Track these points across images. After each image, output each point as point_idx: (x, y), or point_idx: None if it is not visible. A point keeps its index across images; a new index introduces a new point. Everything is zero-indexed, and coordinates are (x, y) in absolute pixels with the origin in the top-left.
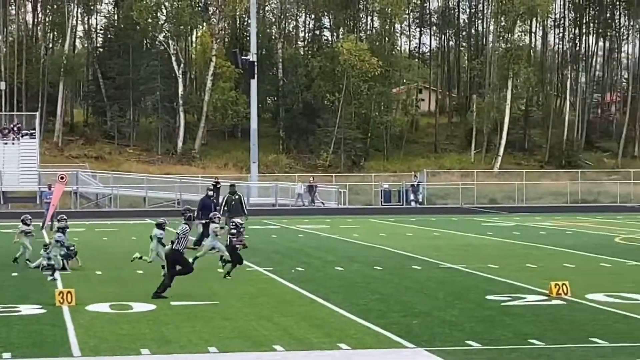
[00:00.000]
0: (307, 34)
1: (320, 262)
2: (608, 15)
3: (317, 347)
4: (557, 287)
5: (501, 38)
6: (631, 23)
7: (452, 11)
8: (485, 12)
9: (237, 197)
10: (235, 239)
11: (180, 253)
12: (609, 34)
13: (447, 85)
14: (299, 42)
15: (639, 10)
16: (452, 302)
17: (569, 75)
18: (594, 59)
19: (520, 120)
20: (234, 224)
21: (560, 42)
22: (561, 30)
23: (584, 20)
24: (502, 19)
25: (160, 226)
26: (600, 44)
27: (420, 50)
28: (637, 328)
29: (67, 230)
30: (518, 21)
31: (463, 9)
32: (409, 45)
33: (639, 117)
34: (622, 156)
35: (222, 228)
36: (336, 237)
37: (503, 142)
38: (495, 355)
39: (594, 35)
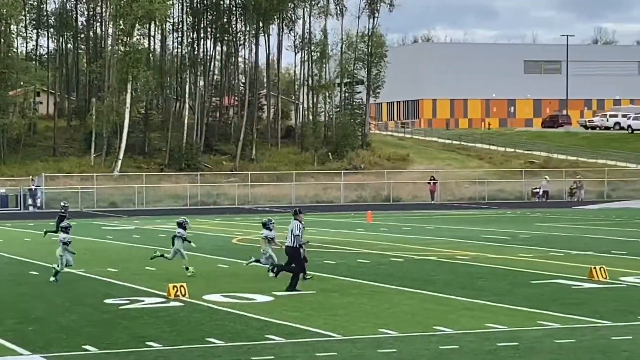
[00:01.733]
0: None
1: None
2: (225, 20)
3: None
4: (175, 289)
5: (120, 41)
6: (247, 28)
7: (70, 13)
8: (103, 15)
9: None
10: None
11: (298, 250)
12: (226, 38)
13: (66, 88)
14: None
15: (255, 16)
16: (70, 307)
17: (187, 79)
18: (212, 63)
19: (140, 124)
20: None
21: (179, 46)
22: (179, 35)
23: (202, 25)
24: (121, 22)
25: (181, 225)
26: (218, 48)
27: (38, 52)
28: (251, 327)
29: None
30: (137, 24)
31: (81, 11)
32: (26, 47)
33: (256, 120)
34: (240, 159)
35: None
36: None
37: (123, 145)
38: (112, 359)
39: (212, 40)
